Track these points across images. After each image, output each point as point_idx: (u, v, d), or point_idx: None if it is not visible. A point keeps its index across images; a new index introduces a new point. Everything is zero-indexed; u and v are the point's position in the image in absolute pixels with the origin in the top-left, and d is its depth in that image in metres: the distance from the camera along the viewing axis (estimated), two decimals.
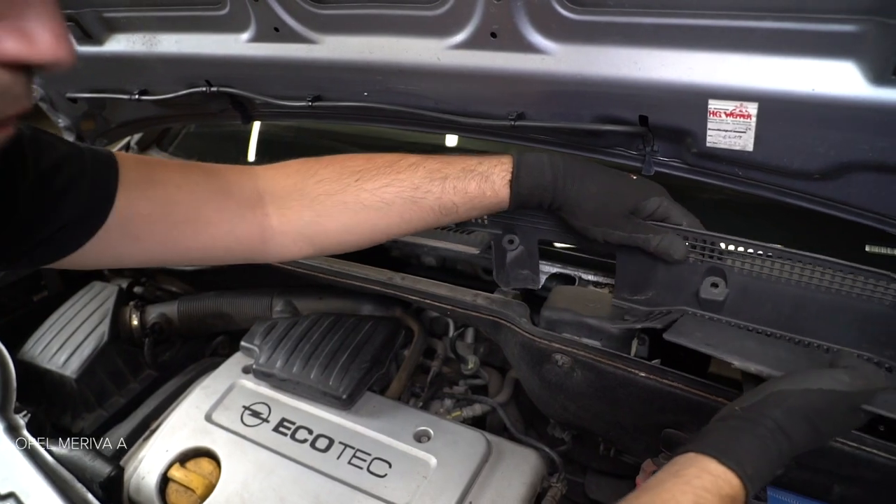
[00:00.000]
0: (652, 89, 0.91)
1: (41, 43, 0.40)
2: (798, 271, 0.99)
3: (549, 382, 1.17)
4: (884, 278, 0.92)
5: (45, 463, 1.15)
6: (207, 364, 1.57)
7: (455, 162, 0.97)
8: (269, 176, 0.96)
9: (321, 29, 1.12)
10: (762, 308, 1.05)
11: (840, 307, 0.98)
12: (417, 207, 0.96)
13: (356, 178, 0.95)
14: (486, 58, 1.01)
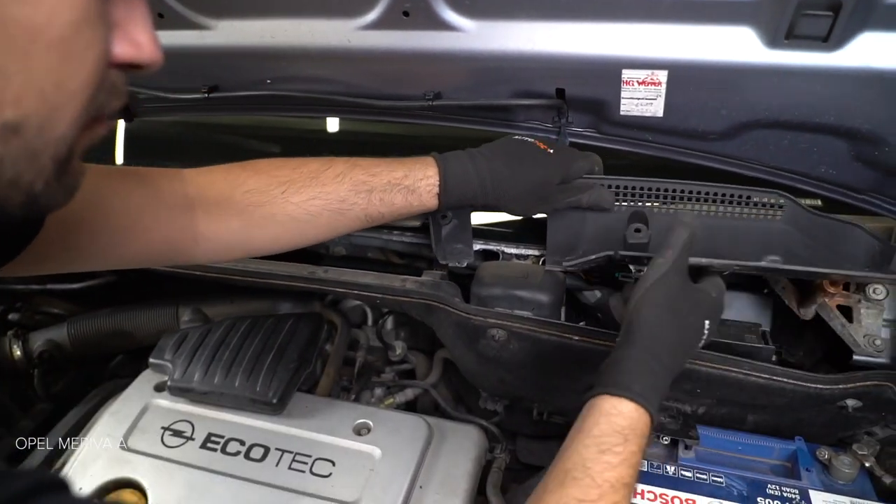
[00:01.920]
0: (568, 62, 0.94)
1: (145, 47, 0.47)
2: (707, 207, 1.08)
3: (486, 357, 1.19)
4: (774, 195, 1.02)
5: None
6: (112, 387, 1.43)
7: (381, 173, 0.97)
8: (197, 182, 0.93)
9: (214, 13, 1.04)
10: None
11: (745, 230, 1.08)
12: (344, 218, 0.98)
13: (283, 189, 0.94)
14: (398, 38, 0.99)
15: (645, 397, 0.73)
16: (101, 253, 0.85)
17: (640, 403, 0.73)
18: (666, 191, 1.09)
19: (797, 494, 0.98)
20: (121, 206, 0.84)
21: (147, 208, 0.87)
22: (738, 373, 1.05)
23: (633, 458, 0.70)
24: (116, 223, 0.84)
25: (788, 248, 1.05)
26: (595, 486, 0.68)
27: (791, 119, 0.91)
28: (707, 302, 0.85)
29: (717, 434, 1.12)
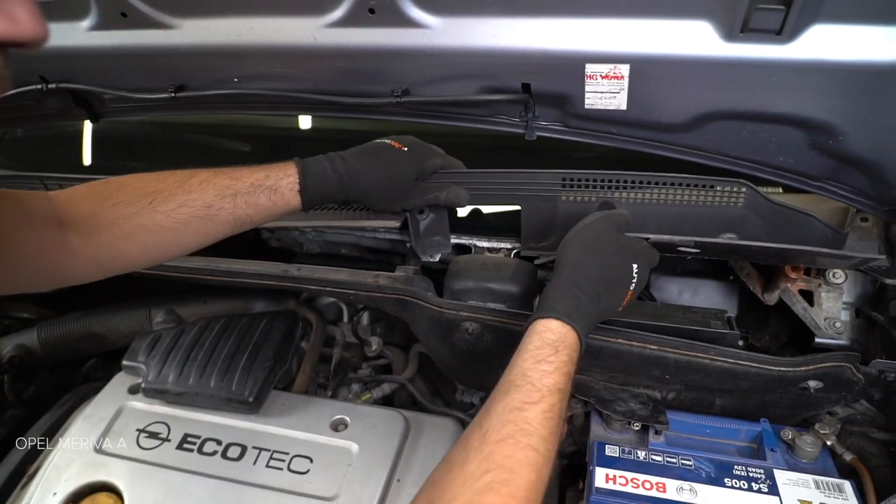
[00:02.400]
0: (532, 57, 0.95)
1: (23, 22, 0.44)
2: (672, 194, 1.13)
3: (460, 350, 1.21)
4: (736, 184, 1.08)
5: None
6: (85, 391, 1.42)
7: (244, 177, 1.00)
8: (63, 200, 0.94)
9: (178, 12, 1.03)
10: (650, 225, 1.16)
11: (710, 215, 1.13)
12: (213, 223, 1.00)
13: (150, 200, 0.96)
14: (365, 35, 0.99)
15: (569, 315, 0.84)
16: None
17: (564, 321, 0.84)
18: (633, 182, 1.12)
19: (762, 474, 1.01)
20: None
21: (22, 225, 0.87)
22: (705, 358, 1.08)
23: (564, 367, 0.80)
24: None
25: (748, 231, 1.09)
26: (535, 390, 0.77)
27: (749, 110, 0.94)
28: (634, 248, 0.97)
29: (686, 418, 1.15)
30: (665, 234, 1.09)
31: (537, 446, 0.72)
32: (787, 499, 0.97)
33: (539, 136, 1.12)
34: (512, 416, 0.74)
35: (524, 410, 0.74)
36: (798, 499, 0.97)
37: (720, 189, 1.09)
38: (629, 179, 1.12)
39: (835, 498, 0.97)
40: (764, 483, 1.00)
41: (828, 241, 1.02)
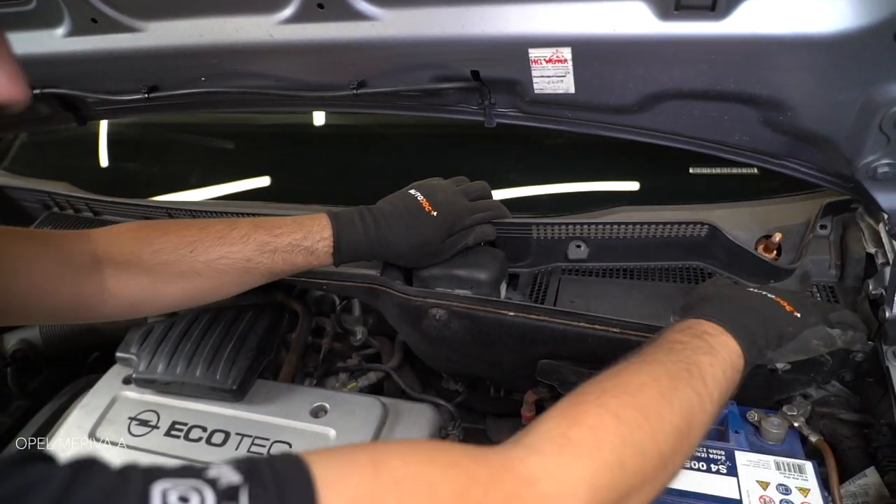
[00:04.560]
0: (477, 44, 0.96)
1: (2, 86, 0.48)
2: (637, 231, 1.22)
3: (430, 337, 1.23)
4: (699, 225, 1.19)
5: None
6: (84, 383, 1.49)
7: (282, 234, 1.05)
8: (104, 241, 0.99)
9: (143, 15, 1.08)
10: (617, 253, 1.27)
11: (673, 243, 1.22)
12: (250, 275, 1.07)
13: (191, 249, 1.00)
14: (317, 30, 1.02)
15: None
16: (7, 313, 0.89)
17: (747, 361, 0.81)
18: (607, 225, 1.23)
19: (723, 455, 1.00)
20: (27, 270, 0.88)
21: (54, 271, 0.92)
22: None
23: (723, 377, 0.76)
24: (23, 286, 0.88)
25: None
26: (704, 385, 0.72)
27: (694, 88, 0.93)
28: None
29: None
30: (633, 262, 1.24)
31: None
32: (745, 479, 0.96)
33: (499, 123, 1.13)
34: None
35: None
36: (756, 479, 0.96)
37: (685, 228, 1.20)
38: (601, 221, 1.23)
39: (794, 479, 0.95)
40: (723, 464, 0.99)
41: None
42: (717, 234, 1.18)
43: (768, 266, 1.17)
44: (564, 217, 1.24)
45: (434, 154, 1.53)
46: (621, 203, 1.25)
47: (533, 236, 1.26)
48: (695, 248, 1.22)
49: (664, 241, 1.22)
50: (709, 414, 0.72)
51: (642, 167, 1.35)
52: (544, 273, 1.30)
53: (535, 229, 1.24)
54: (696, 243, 1.21)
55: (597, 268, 1.28)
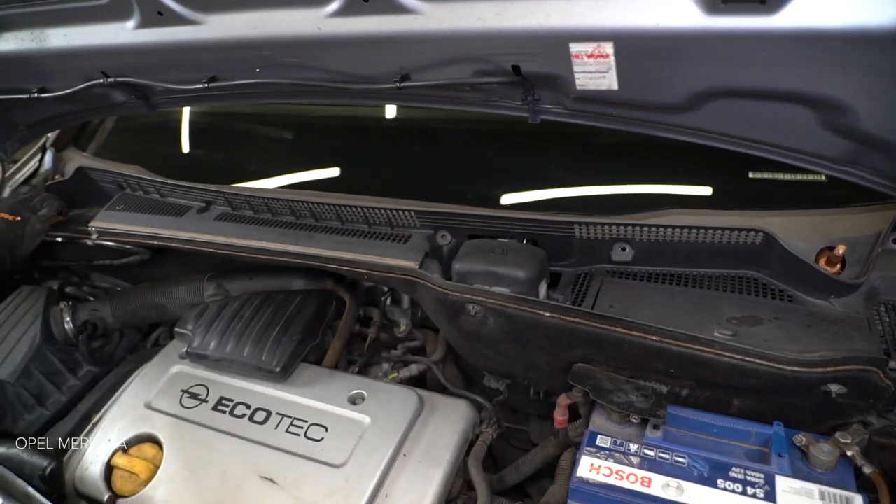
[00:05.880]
0: (517, 38, 0.94)
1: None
2: (686, 235, 1.16)
3: (466, 332, 1.22)
4: (754, 232, 1.12)
5: None
6: (146, 354, 1.59)
7: None
8: None
9: (203, 8, 1.13)
10: (663, 257, 1.21)
11: (724, 250, 1.16)
12: None
13: None
14: (362, 23, 1.03)
15: None
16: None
17: None
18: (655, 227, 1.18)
19: (761, 479, 0.94)
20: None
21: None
22: (708, 352, 1.02)
23: None
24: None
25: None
26: None
27: (746, 87, 0.87)
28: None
29: (693, 416, 1.09)
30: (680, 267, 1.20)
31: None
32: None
33: (543, 120, 1.10)
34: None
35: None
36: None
37: (739, 234, 1.14)
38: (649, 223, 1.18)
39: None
40: (761, 488, 0.93)
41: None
42: (773, 243, 1.10)
43: (830, 280, 1.08)
44: (610, 217, 1.20)
45: (481, 149, 1.52)
46: (670, 206, 1.20)
47: (576, 235, 1.22)
48: (748, 257, 1.15)
49: (714, 247, 1.15)
50: None
51: (694, 169, 1.28)
52: (587, 274, 1.26)
53: (578, 228, 1.21)
54: (749, 251, 1.14)
55: (641, 271, 1.23)
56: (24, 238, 1.51)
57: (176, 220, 1.52)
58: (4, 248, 1.45)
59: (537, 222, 1.23)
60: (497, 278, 1.19)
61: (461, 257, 1.23)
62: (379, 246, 1.33)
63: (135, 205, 1.60)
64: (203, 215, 1.52)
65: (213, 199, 1.53)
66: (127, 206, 1.60)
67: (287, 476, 1.21)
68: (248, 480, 1.21)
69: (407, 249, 1.30)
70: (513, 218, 1.25)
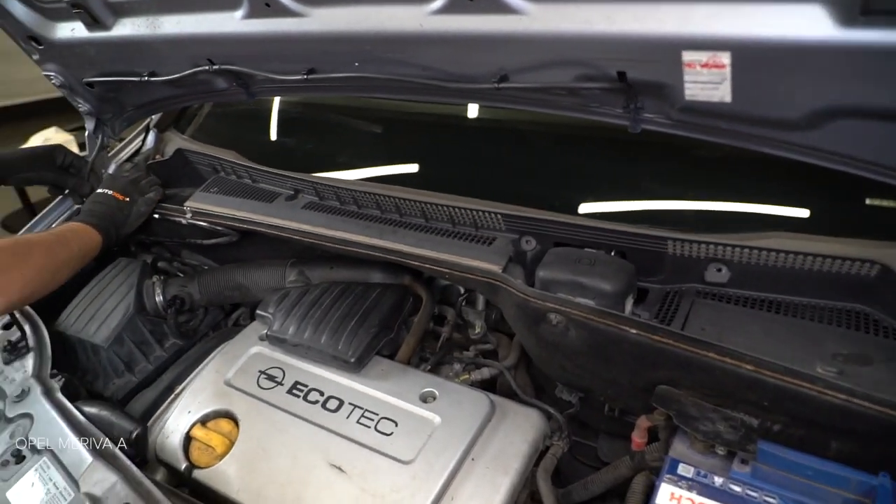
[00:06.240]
0: (626, 44, 0.91)
1: None
2: (791, 261, 1.09)
3: (545, 342, 1.19)
4: (869, 263, 1.04)
5: (77, 422, 1.25)
6: (228, 332, 1.65)
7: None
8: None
9: (309, 2, 1.15)
10: (763, 282, 1.14)
11: (833, 280, 1.08)
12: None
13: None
14: (465, 21, 1.02)
15: None
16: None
17: None
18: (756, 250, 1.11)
19: None
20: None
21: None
22: (810, 389, 0.95)
23: None
24: None
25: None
26: None
27: (880, 107, 0.80)
28: None
29: (787, 455, 1.02)
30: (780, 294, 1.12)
31: None
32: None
33: (644, 129, 1.06)
34: None
35: None
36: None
37: (851, 264, 1.06)
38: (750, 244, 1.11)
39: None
40: None
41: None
42: (891, 277, 1.01)
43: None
44: (706, 235, 1.14)
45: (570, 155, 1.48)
46: (774, 228, 1.12)
47: (668, 252, 1.17)
48: (859, 290, 1.06)
49: (822, 276, 1.07)
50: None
51: (804, 191, 1.19)
52: (676, 292, 1.20)
53: (671, 245, 1.16)
54: (861, 284, 1.05)
55: (736, 295, 1.16)
56: (129, 218, 1.60)
57: (265, 206, 1.56)
58: (112, 226, 1.53)
59: (628, 235, 1.18)
60: (582, 289, 1.15)
61: (546, 265, 1.20)
62: (462, 246, 1.32)
63: (228, 188, 1.66)
64: (291, 203, 1.56)
65: (302, 187, 1.56)
66: (220, 188, 1.66)
67: (355, 466, 1.22)
68: (317, 466, 1.23)
69: (491, 252, 1.29)
70: (602, 228, 1.21)
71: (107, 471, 1.15)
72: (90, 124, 1.70)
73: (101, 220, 1.51)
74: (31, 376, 1.37)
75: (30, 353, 1.42)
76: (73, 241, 1.41)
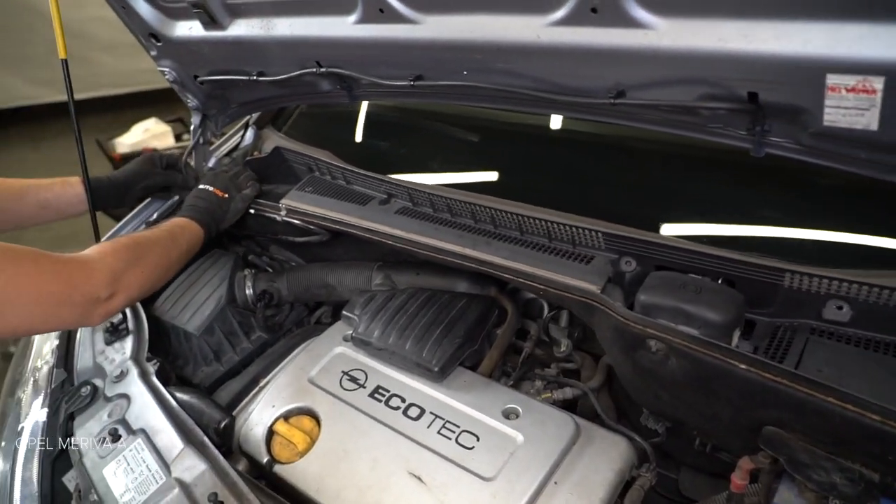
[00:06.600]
0: (763, 64, 0.86)
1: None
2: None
3: (642, 369, 1.15)
4: None
5: (170, 406, 1.29)
6: (311, 330, 1.67)
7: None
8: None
9: (424, 9, 1.15)
10: (889, 324, 1.05)
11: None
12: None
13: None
14: (585, 34, 0.99)
15: None
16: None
17: None
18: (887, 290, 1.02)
19: None
20: None
21: None
22: None
23: None
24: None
25: None
26: None
27: None
28: None
29: None
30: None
31: None
32: None
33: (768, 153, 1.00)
34: None
35: None
36: None
37: None
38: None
39: None
40: None
41: None
42: None
43: None
44: (829, 270, 1.06)
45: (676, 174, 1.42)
46: None
47: (784, 284, 1.10)
48: None
49: None
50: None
51: None
52: (787, 328, 1.13)
53: (789, 277, 1.09)
54: None
55: (857, 335, 1.08)
56: (227, 214, 1.65)
57: (359, 209, 1.57)
58: (213, 222, 1.59)
59: (740, 263, 1.12)
60: (687, 317, 1.10)
61: (648, 288, 1.15)
62: (559, 263, 1.28)
63: (322, 188, 1.69)
64: (385, 207, 1.56)
65: (396, 192, 1.57)
66: (315, 188, 1.69)
67: (435, 478, 1.20)
68: (396, 474, 1.22)
69: (589, 271, 1.25)
70: (710, 254, 1.15)
71: (196, 458, 1.18)
72: (196, 119, 1.77)
73: (203, 216, 1.57)
74: (129, 358, 1.43)
75: (129, 335, 1.48)
76: (182, 237, 1.47)
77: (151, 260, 1.31)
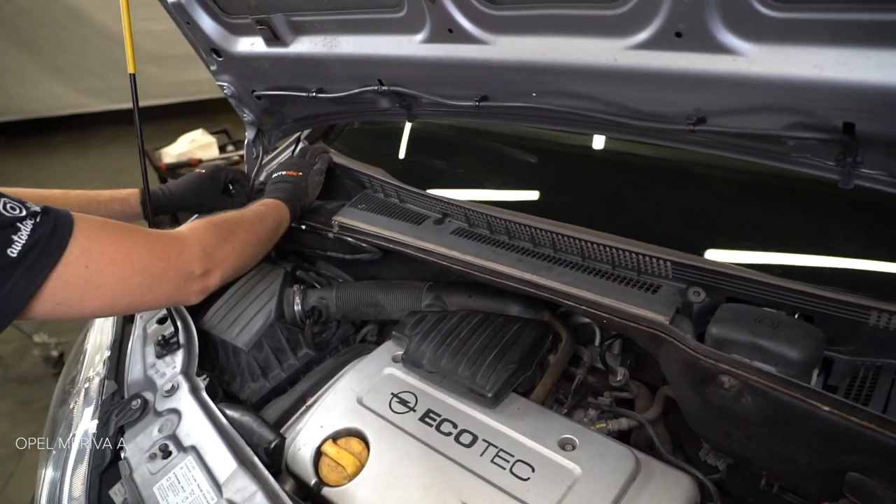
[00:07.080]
0: (863, 94, 0.82)
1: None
2: None
3: (711, 405, 1.10)
4: None
5: (220, 424, 1.28)
6: (359, 349, 1.65)
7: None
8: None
9: (494, 30, 1.13)
10: None
11: None
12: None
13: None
14: (667, 59, 0.96)
15: None
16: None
17: None
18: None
19: None
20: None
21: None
22: None
23: None
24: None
25: None
26: None
27: None
28: None
29: None
30: None
31: None
32: None
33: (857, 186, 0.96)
34: None
35: None
36: None
37: None
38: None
39: None
40: None
41: None
42: None
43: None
44: None
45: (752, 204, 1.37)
46: None
47: (869, 323, 1.05)
48: None
49: None
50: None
51: None
52: (870, 367, 1.08)
53: (875, 315, 1.03)
54: None
55: None
56: (308, 189, 1.66)
57: (413, 228, 1.56)
58: (297, 199, 1.59)
59: (820, 299, 1.07)
60: (763, 353, 1.05)
61: (720, 321, 1.11)
62: (624, 291, 1.24)
63: (375, 206, 1.67)
64: (439, 227, 1.54)
65: (451, 212, 1.55)
66: (368, 206, 1.68)
67: None
68: (448, 503, 1.19)
69: (656, 301, 1.21)
70: (787, 288, 1.10)
71: (248, 479, 1.16)
72: (251, 133, 1.77)
73: (287, 195, 1.57)
74: (179, 372, 1.43)
75: (180, 349, 1.48)
76: (269, 215, 1.46)
77: (242, 237, 1.29)
